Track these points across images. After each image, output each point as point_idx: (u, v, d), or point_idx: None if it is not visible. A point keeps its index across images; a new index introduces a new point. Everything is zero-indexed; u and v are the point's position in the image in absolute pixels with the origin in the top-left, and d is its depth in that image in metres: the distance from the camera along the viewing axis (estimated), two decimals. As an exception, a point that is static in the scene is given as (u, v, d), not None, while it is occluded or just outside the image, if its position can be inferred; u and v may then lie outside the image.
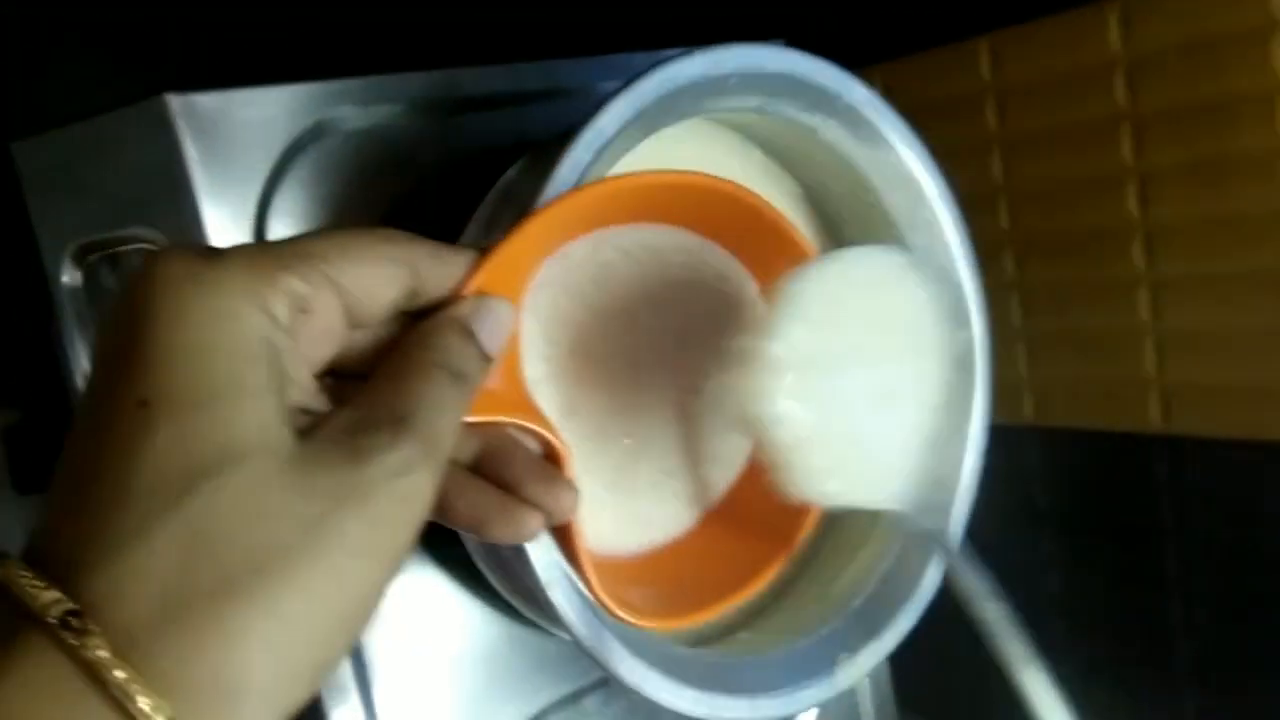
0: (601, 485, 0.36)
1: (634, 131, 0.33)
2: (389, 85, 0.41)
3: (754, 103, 0.37)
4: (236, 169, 0.37)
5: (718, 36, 0.34)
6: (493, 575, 0.37)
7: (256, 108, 0.37)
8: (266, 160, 0.38)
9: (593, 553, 0.31)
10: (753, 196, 0.34)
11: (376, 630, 0.39)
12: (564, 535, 0.30)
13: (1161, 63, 0.50)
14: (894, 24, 0.62)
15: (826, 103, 0.37)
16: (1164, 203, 0.52)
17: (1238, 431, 0.50)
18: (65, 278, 0.39)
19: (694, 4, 0.52)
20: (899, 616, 0.39)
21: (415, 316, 0.26)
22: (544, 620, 0.38)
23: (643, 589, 0.34)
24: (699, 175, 0.33)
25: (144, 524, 0.19)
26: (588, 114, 0.31)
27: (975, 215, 0.41)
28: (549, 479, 0.28)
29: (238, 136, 0.37)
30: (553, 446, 0.29)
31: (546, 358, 0.34)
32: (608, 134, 0.31)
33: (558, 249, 0.33)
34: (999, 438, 0.42)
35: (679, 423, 0.37)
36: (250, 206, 0.37)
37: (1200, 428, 0.52)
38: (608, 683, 0.44)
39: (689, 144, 0.39)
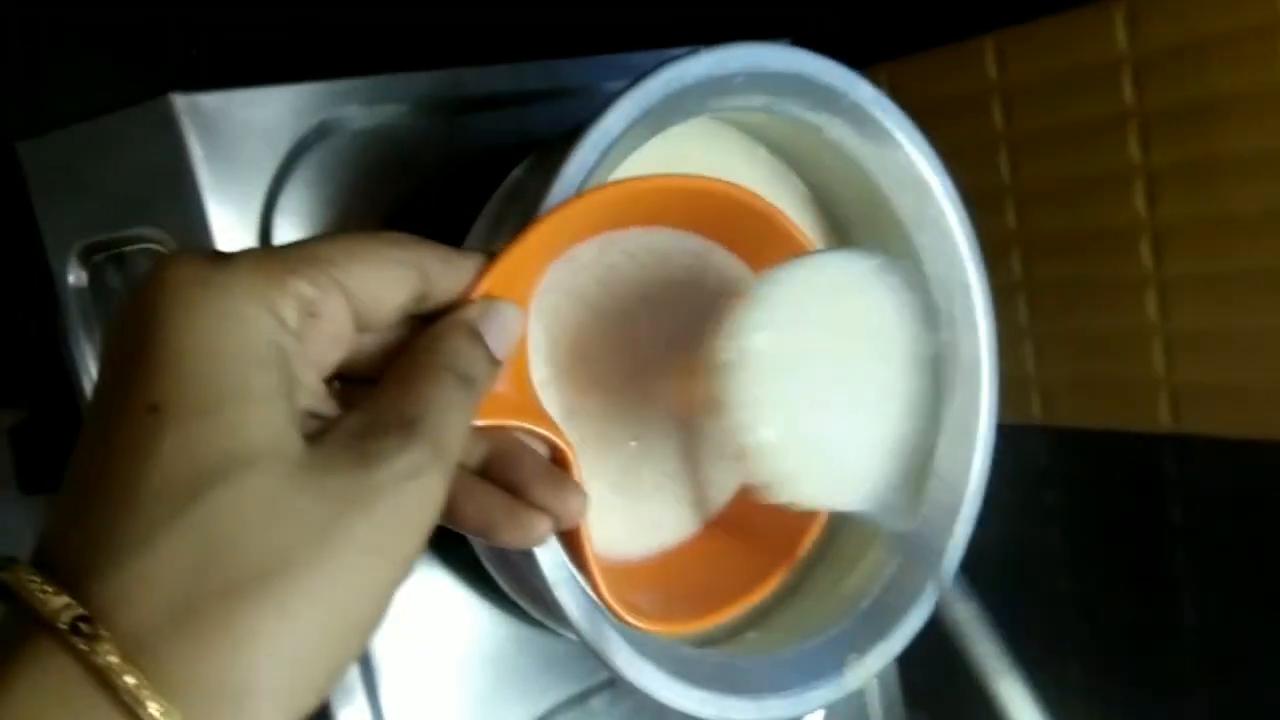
0: (608, 488, 0.36)
1: (640, 131, 0.33)
2: (394, 85, 0.41)
3: (760, 102, 0.37)
4: (241, 168, 0.37)
5: (722, 36, 0.34)
6: (500, 576, 0.37)
7: (261, 107, 0.37)
8: (272, 160, 0.38)
9: (600, 557, 0.31)
10: (759, 200, 0.34)
11: (383, 631, 0.39)
12: (571, 540, 0.30)
13: (1168, 61, 0.50)
14: (899, 23, 0.62)
15: (832, 101, 0.37)
16: (1172, 202, 0.51)
17: (1247, 431, 0.50)
18: (70, 278, 0.39)
19: (698, 3, 0.51)
20: (907, 617, 0.39)
21: (423, 320, 0.26)
22: (551, 621, 0.38)
23: (649, 593, 0.34)
24: (706, 179, 0.33)
25: (153, 529, 0.19)
26: (594, 113, 0.31)
27: (982, 214, 0.41)
28: (557, 483, 0.28)
29: (243, 136, 0.37)
30: (560, 450, 0.29)
31: (552, 361, 0.34)
32: (614, 134, 0.31)
33: (564, 252, 0.33)
34: (1006, 437, 0.41)
35: (681, 427, 0.37)
36: (255, 206, 0.37)
37: (1209, 427, 0.52)
38: (614, 683, 0.44)
39: (695, 144, 0.38)
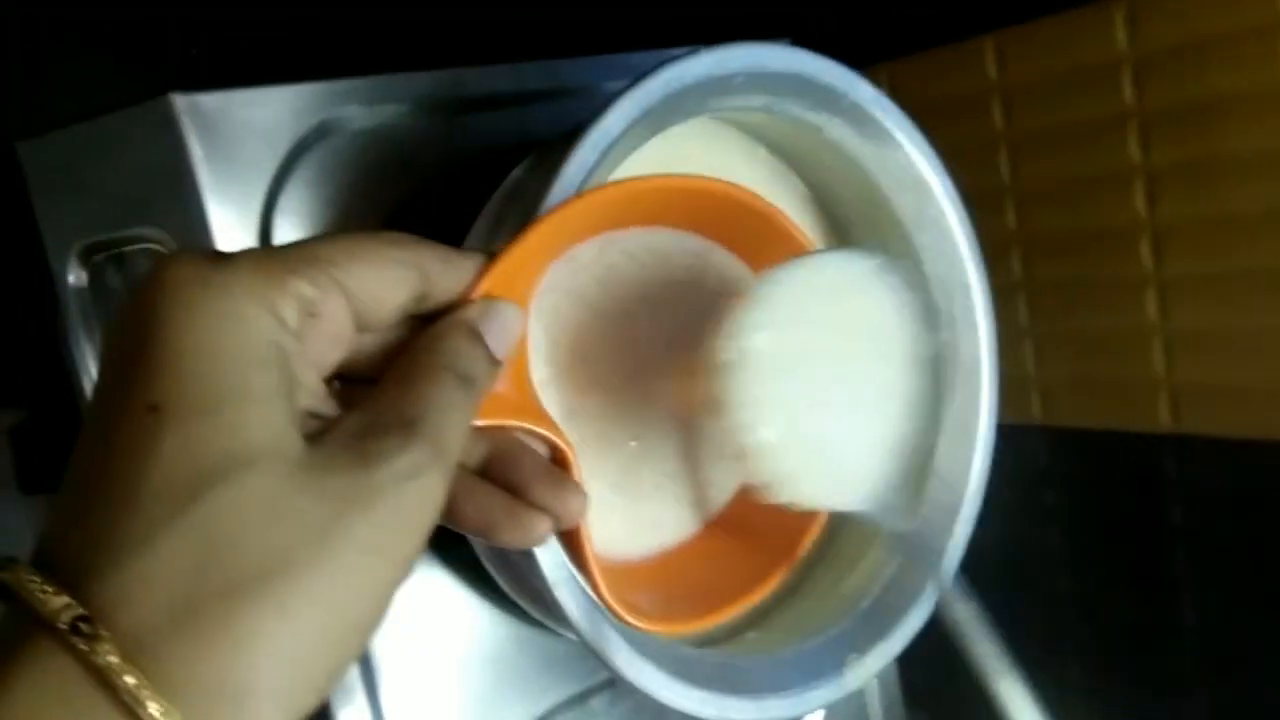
0: (608, 488, 0.36)
1: (640, 131, 0.33)
2: (393, 85, 0.41)
3: (760, 102, 0.37)
4: (241, 168, 0.37)
5: (721, 36, 0.34)
6: (500, 576, 0.37)
7: (261, 107, 0.37)
8: (272, 160, 0.38)
9: (600, 557, 0.31)
10: (759, 200, 0.34)
11: (383, 631, 0.39)
12: (571, 540, 0.30)
13: (1168, 61, 0.50)
14: (899, 23, 0.62)
15: (832, 101, 0.37)
16: (1172, 201, 0.51)
17: (1247, 431, 0.50)
18: (70, 278, 0.39)
19: (698, 3, 0.51)
20: (907, 617, 0.38)
21: (423, 320, 0.26)
22: (551, 621, 0.38)
23: (649, 593, 0.34)
24: (706, 179, 0.32)
25: (153, 529, 0.19)
26: (594, 113, 0.31)
27: (982, 214, 0.41)
28: (557, 483, 0.28)
29: (243, 136, 0.37)
30: (560, 450, 0.29)
31: (552, 361, 0.34)
32: (614, 133, 0.31)
33: (564, 252, 0.33)
34: (1006, 437, 0.41)
35: (681, 427, 0.37)
36: (255, 206, 0.37)
37: (1209, 427, 0.52)
38: (614, 683, 0.44)
39: (695, 144, 0.38)
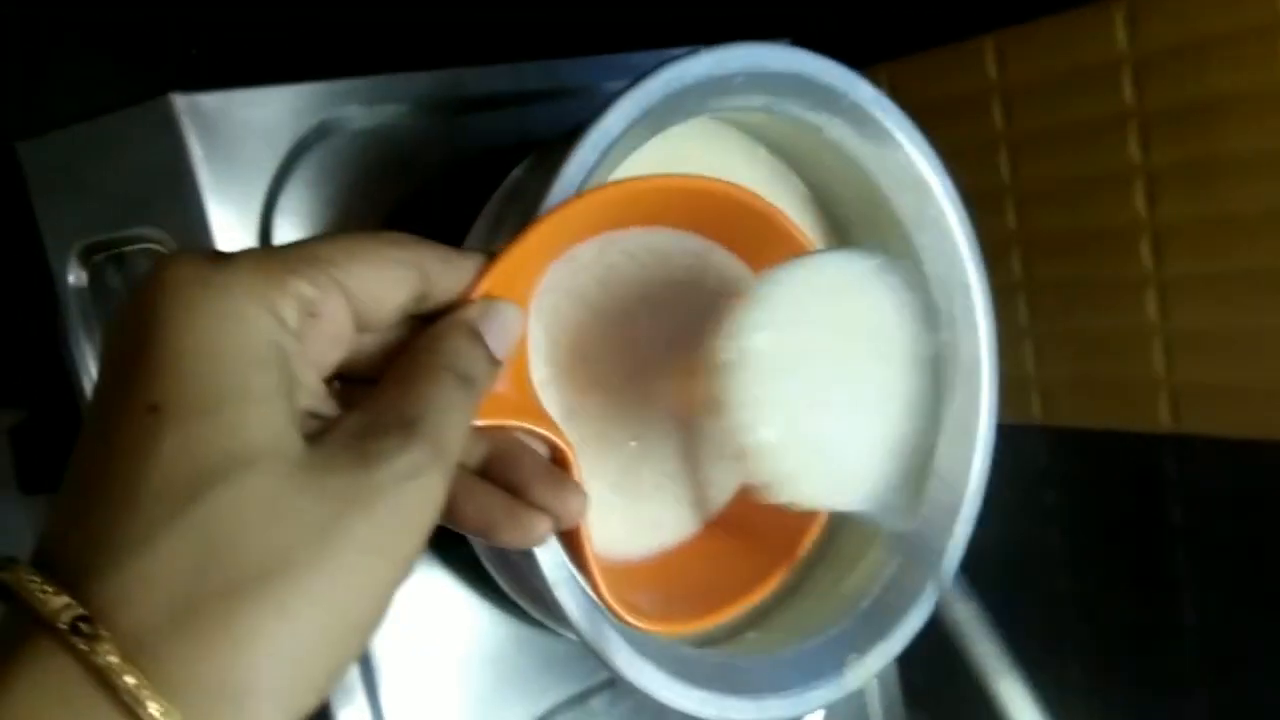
0: (608, 488, 0.36)
1: (640, 131, 0.33)
2: (393, 85, 0.41)
3: (760, 102, 0.37)
4: (241, 168, 0.37)
5: (721, 36, 0.34)
6: (500, 576, 0.37)
7: (261, 107, 0.37)
8: (272, 160, 0.38)
9: (600, 557, 0.31)
10: (759, 200, 0.34)
11: (383, 631, 0.39)
12: (571, 540, 0.30)
13: (1168, 61, 0.50)
14: (899, 23, 0.62)
15: (832, 101, 0.37)
16: (1172, 201, 0.51)
17: (1247, 431, 0.50)
18: (71, 278, 0.39)
19: (698, 3, 0.51)
20: (907, 617, 0.38)
21: (424, 320, 0.26)
22: (551, 620, 0.38)
23: (649, 593, 0.34)
24: (706, 179, 0.32)
25: (153, 529, 0.19)
26: (594, 113, 0.31)
27: (982, 214, 0.41)
28: (557, 483, 0.28)
29: (243, 136, 0.37)
30: (560, 450, 0.29)
31: (552, 361, 0.34)
32: (614, 133, 0.31)
33: (564, 252, 0.33)
34: (1006, 437, 0.41)
35: (681, 427, 0.37)
36: (256, 206, 0.37)
37: (1209, 427, 0.52)
38: (614, 683, 0.44)
39: (695, 144, 0.38)
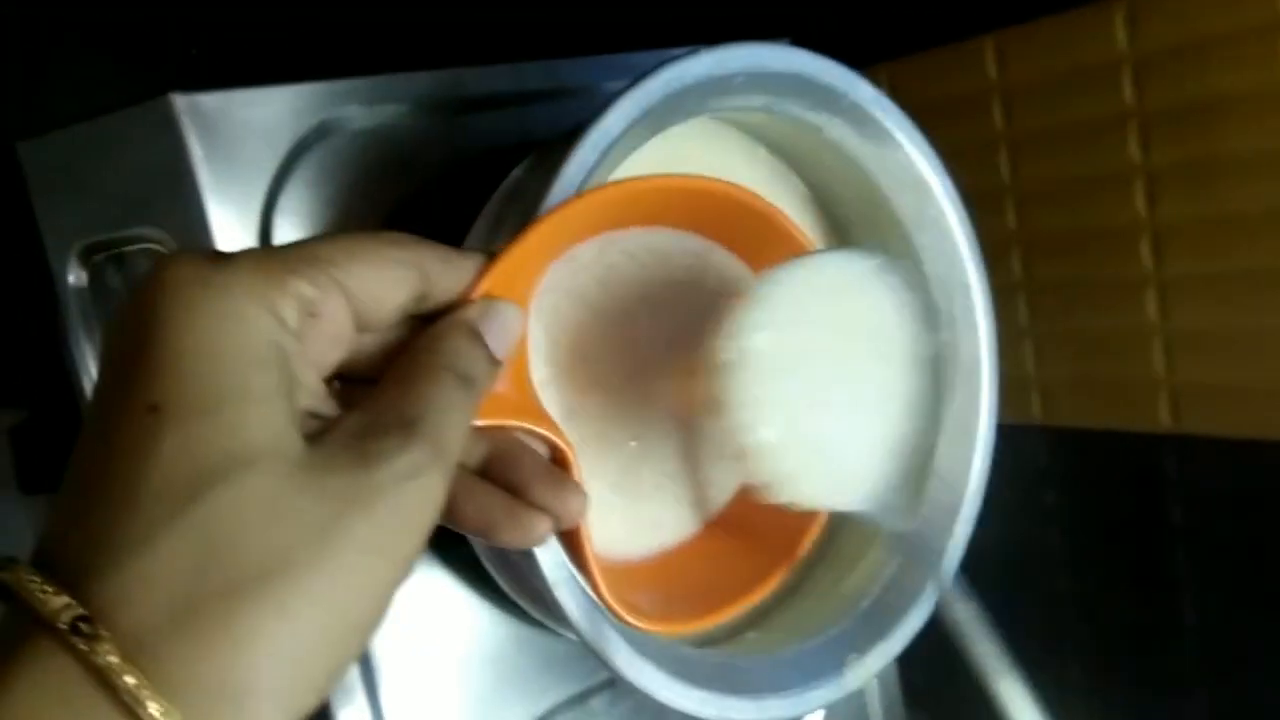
0: (608, 488, 0.36)
1: (640, 131, 0.33)
2: (394, 85, 0.41)
3: (760, 102, 0.37)
4: (242, 168, 0.37)
5: (721, 36, 0.34)
6: (500, 576, 0.37)
7: (261, 107, 0.37)
8: (272, 160, 0.38)
9: (600, 557, 0.31)
10: (759, 200, 0.34)
11: (383, 631, 0.39)
12: (571, 540, 0.30)
13: (1168, 61, 0.50)
14: (899, 23, 0.62)
15: (832, 101, 0.37)
16: (1172, 201, 0.51)
17: (1247, 431, 0.50)
18: (71, 278, 0.39)
19: (698, 3, 0.51)
20: (907, 617, 0.38)
21: (424, 320, 0.26)
22: (551, 621, 0.38)
23: (649, 593, 0.34)
24: (706, 179, 0.32)
25: (153, 529, 0.19)
26: (594, 113, 0.31)
27: (982, 215, 0.41)
28: (557, 483, 0.28)
29: (243, 136, 0.37)
30: (560, 450, 0.29)
31: (552, 361, 0.34)
32: (614, 133, 0.31)
33: (564, 252, 0.33)
34: (1006, 437, 0.41)
35: (681, 427, 0.37)
36: (255, 206, 0.37)
37: (1209, 427, 0.52)
38: (614, 683, 0.44)
39: (695, 144, 0.38)
